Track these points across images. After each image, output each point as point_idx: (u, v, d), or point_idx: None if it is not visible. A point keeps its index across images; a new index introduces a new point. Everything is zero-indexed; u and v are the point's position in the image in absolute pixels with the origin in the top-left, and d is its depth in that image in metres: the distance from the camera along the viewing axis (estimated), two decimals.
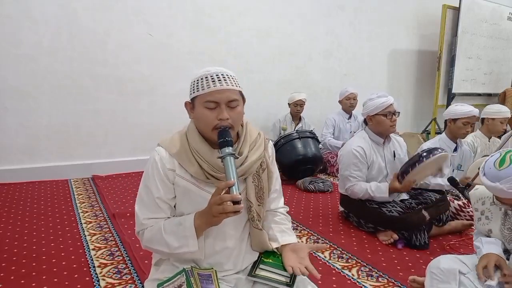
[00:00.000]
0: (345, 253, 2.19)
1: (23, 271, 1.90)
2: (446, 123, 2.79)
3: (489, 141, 3.17)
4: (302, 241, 2.35)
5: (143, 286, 1.74)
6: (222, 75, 1.14)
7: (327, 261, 2.08)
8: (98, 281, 1.82)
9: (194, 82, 1.16)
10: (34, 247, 2.17)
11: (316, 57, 5.06)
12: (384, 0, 5.47)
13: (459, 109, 2.68)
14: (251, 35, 4.50)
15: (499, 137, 3.36)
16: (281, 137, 3.90)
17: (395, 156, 2.52)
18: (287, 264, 1.17)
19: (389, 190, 2.29)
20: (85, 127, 3.75)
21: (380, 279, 1.90)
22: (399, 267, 2.02)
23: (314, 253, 2.15)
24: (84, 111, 3.72)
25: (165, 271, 1.24)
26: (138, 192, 1.23)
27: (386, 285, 1.84)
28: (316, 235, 2.45)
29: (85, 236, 2.33)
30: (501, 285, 1.37)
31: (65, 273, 1.89)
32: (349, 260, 2.10)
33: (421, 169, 2.18)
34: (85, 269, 1.93)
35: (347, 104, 4.35)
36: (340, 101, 4.41)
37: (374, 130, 2.48)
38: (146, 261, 1.97)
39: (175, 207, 1.23)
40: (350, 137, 3.58)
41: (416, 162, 2.17)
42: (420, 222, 2.24)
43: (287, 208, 1.43)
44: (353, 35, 5.29)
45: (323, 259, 2.11)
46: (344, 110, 4.42)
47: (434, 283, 1.47)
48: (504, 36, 5.91)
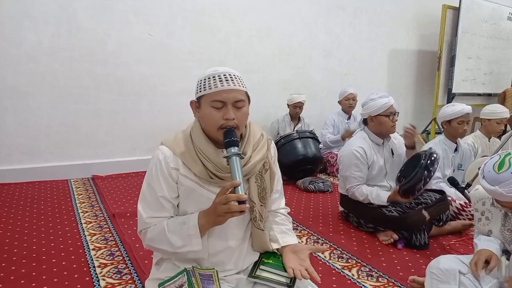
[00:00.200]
0: (345, 253, 2.19)
1: (23, 271, 1.90)
2: (443, 125, 2.80)
3: (489, 141, 3.17)
4: (302, 241, 2.36)
5: (143, 286, 1.75)
6: (229, 75, 1.14)
7: (327, 261, 2.08)
8: (98, 281, 1.82)
9: (201, 81, 1.16)
10: (34, 247, 2.17)
11: (316, 57, 5.05)
12: (384, 0, 5.47)
13: (450, 110, 2.67)
14: (251, 35, 4.50)
15: (500, 137, 3.37)
16: (281, 137, 3.90)
17: (393, 154, 2.53)
18: (287, 266, 1.17)
19: (389, 199, 2.30)
20: (85, 127, 3.75)
21: (380, 279, 1.90)
22: (399, 267, 2.03)
23: (314, 253, 2.15)
24: (84, 111, 3.71)
25: (166, 270, 1.24)
26: (141, 191, 1.22)
27: (386, 285, 1.84)
28: (316, 235, 2.45)
29: (85, 236, 2.33)
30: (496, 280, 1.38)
31: (65, 273, 1.89)
32: (349, 260, 2.10)
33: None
34: (85, 269, 1.93)
35: (346, 105, 4.35)
36: (339, 101, 4.41)
37: (375, 131, 2.48)
38: (146, 261, 1.97)
39: (178, 206, 1.23)
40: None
41: (422, 184, 2.14)
42: (420, 222, 2.24)
43: (288, 208, 1.43)
44: (353, 35, 5.29)
45: (323, 259, 2.11)
46: (344, 111, 4.42)
47: (434, 283, 1.47)
48: (504, 36, 5.91)
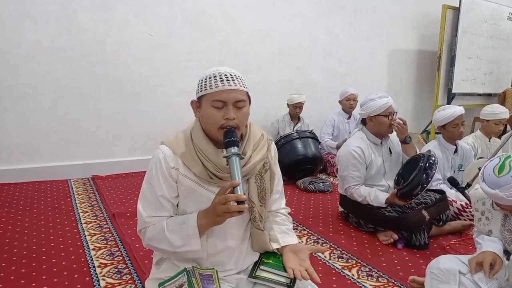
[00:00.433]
0: (345, 253, 2.19)
1: (23, 271, 1.90)
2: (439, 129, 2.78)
3: (489, 141, 3.17)
4: (302, 241, 2.36)
5: (143, 286, 1.75)
6: (230, 75, 1.14)
7: (327, 261, 2.08)
8: (98, 281, 1.82)
9: (202, 80, 1.16)
10: (34, 247, 2.17)
11: (316, 57, 5.05)
12: (384, 0, 5.47)
13: (441, 115, 2.64)
14: (251, 35, 4.50)
15: (500, 137, 3.36)
16: (281, 137, 3.90)
17: (391, 152, 2.54)
18: (287, 266, 1.16)
19: (388, 201, 2.30)
20: (85, 127, 3.75)
21: (380, 279, 1.90)
22: (399, 267, 2.03)
23: (314, 253, 2.15)
24: (84, 111, 3.71)
25: (166, 270, 1.24)
26: (141, 190, 1.22)
27: (386, 285, 1.84)
28: (316, 235, 2.45)
29: (85, 236, 2.33)
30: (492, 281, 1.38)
31: (65, 273, 1.89)
32: (349, 260, 2.10)
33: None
34: (85, 269, 1.93)
35: (347, 105, 4.34)
36: (340, 101, 4.41)
37: (373, 130, 2.49)
38: (146, 261, 1.97)
39: (178, 205, 1.23)
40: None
41: (420, 189, 2.13)
42: (420, 222, 2.24)
43: (288, 209, 1.43)
44: (353, 35, 5.29)
45: (323, 259, 2.11)
46: (344, 111, 4.42)
47: (434, 283, 1.47)
48: (504, 36, 5.90)
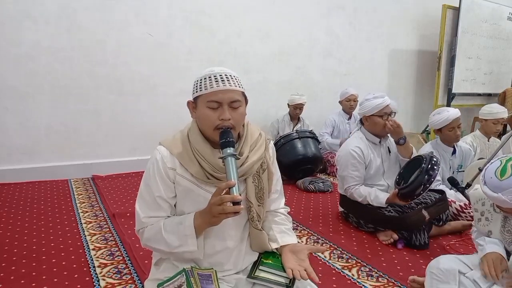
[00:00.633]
0: (345, 253, 2.19)
1: (23, 271, 1.90)
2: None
3: (488, 141, 3.17)
4: (302, 241, 2.36)
5: (143, 286, 1.74)
6: (225, 75, 1.14)
7: (327, 261, 2.08)
8: (98, 281, 1.82)
9: (197, 81, 1.16)
10: (34, 247, 2.17)
11: (316, 57, 5.05)
12: (384, 0, 5.46)
13: (436, 119, 2.63)
14: (251, 35, 4.50)
15: (500, 137, 3.36)
16: (281, 137, 3.90)
17: (390, 152, 2.54)
18: (286, 266, 1.16)
19: (388, 201, 2.29)
20: (85, 127, 3.75)
21: (380, 279, 1.90)
22: (399, 267, 2.03)
23: (313, 253, 2.15)
24: (84, 111, 3.71)
25: (165, 270, 1.24)
26: (139, 191, 1.23)
27: (386, 285, 1.84)
28: (316, 235, 2.45)
29: (85, 236, 2.33)
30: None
31: (65, 273, 1.89)
32: (349, 260, 2.10)
33: None
34: (85, 269, 1.93)
35: (347, 106, 4.35)
36: (340, 101, 4.41)
37: (370, 130, 2.49)
38: (146, 261, 1.97)
39: (175, 206, 1.23)
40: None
41: (421, 190, 2.13)
42: (419, 222, 2.24)
43: (288, 208, 1.43)
44: (353, 35, 5.29)
45: (323, 259, 2.11)
46: (344, 111, 4.42)
47: (434, 283, 1.47)
48: (504, 36, 5.90)
